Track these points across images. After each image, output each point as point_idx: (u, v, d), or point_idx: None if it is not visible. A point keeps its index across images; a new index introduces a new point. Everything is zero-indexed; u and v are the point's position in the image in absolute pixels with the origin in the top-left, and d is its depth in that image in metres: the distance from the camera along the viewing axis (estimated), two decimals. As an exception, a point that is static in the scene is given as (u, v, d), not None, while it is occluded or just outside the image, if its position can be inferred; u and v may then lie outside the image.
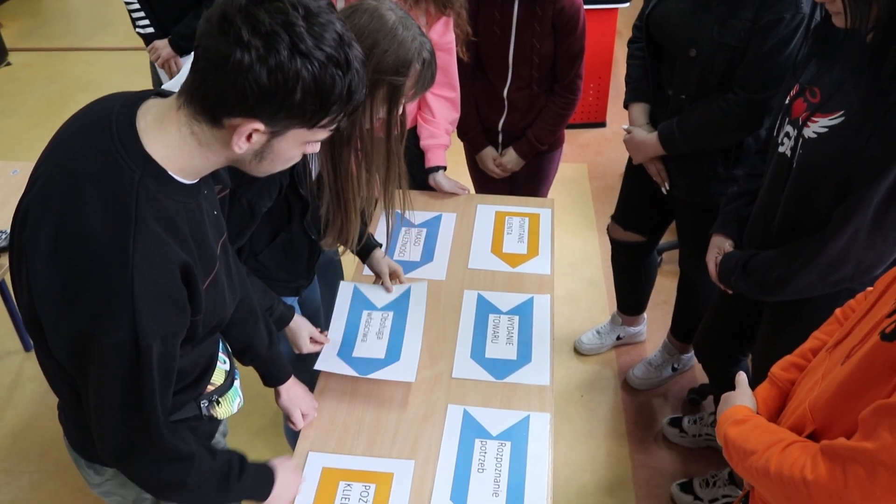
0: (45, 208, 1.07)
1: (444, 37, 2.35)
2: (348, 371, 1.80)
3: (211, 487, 1.34)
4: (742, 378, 1.47)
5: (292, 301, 1.97)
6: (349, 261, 2.24)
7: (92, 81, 5.22)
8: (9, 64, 5.55)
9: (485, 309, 2.04)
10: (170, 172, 1.11)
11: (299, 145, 1.14)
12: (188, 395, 1.38)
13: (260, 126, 1.06)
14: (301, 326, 1.85)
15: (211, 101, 1.05)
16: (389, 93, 1.59)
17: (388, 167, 1.71)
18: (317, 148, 1.20)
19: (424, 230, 2.33)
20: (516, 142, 2.67)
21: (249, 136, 1.07)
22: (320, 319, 2.23)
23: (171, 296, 1.11)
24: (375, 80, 1.55)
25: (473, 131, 2.71)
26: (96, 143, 1.08)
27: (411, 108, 2.44)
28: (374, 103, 1.59)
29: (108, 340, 1.06)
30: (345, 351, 1.87)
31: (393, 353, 1.85)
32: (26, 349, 3.15)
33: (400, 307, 2.00)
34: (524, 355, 1.89)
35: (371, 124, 1.62)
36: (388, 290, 2.04)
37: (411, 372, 1.79)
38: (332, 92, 1.05)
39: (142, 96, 1.15)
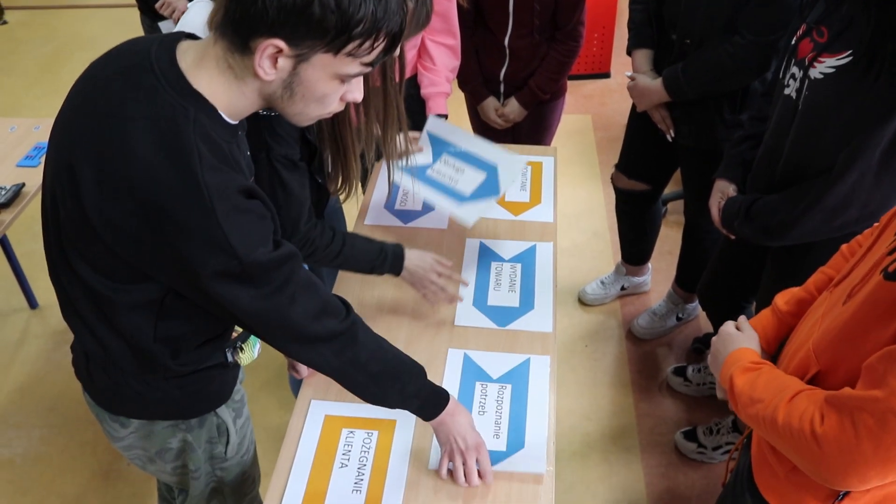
0: (101, 160, 1.06)
1: None
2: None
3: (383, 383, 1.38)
4: (744, 319, 1.46)
5: None
6: (349, 209, 2.23)
7: (89, 39, 5.17)
8: (5, 22, 5.50)
9: (487, 257, 2.03)
10: (218, 110, 1.11)
11: (329, 79, 1.10)
12: (216, 344, 1.39)
13: (282, 44, 1.03)
14: (419, 264, 1.79)
15: (238, 26, 1.04)
16: None
17: (387, 113, 1.68)
18: (358, 96, 1.16)
19: None
20: (518, 91, 2.63)
21: (275, 61, 1.05)
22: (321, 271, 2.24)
23: (250, 209, 1.11)
24: None
25: (474, 82, 2.68)
26: (143, 86, 1.07)
27: (411, 56, 2.40)
28: None
29: (208, 271, 1.07)
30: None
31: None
32: (31, 307, 3.16)
33: None
34: (527, 302, 1.89)
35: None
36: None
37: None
38: (353, 14, 1.02)
39: (175, 37, 1.14)
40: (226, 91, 1.10)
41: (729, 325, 1.44)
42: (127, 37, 1.22)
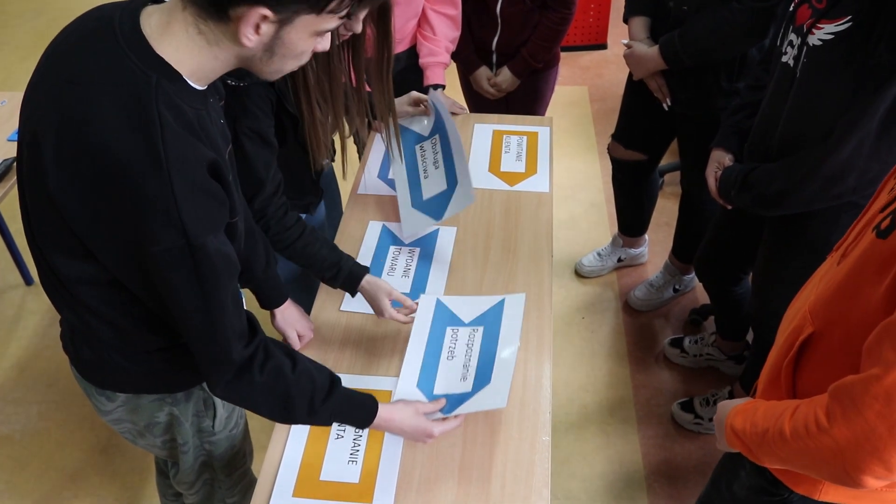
0: (60, 126, 1.03)
1: None
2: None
3: (295, 406, 1.30)
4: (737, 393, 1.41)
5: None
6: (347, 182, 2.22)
7: (80, 11, 5.07)
8: (-5, -4, 5.44)
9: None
10: (183, 76, 1.07)
11: (309, 37, 1.09)
12: None
13: (267, 12, 1.01)
14: (378, 287, 1.68)
15: None
16: None
17: (380, 68, 1.64)
18: (327, 45, 1.15)
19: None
20: (510, 60, 2.60)
21: (258, 27, 1.03)
22: (325, 230, 2.24)
23: (208, 190, 1.08)
24: None
25: (466, 51, 2.64)
26: (104, 52, 1.04)
27: (411, 25, 2.37)
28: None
29: (156, 248, 1.03)
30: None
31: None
32: (27, 283, 3.15)
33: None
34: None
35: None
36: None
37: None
38: None
39: (139, 3, 1.10)
40: (195, 56, 1.07)
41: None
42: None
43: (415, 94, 2.14)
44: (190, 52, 1.06)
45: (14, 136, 2.64)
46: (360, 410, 1.39)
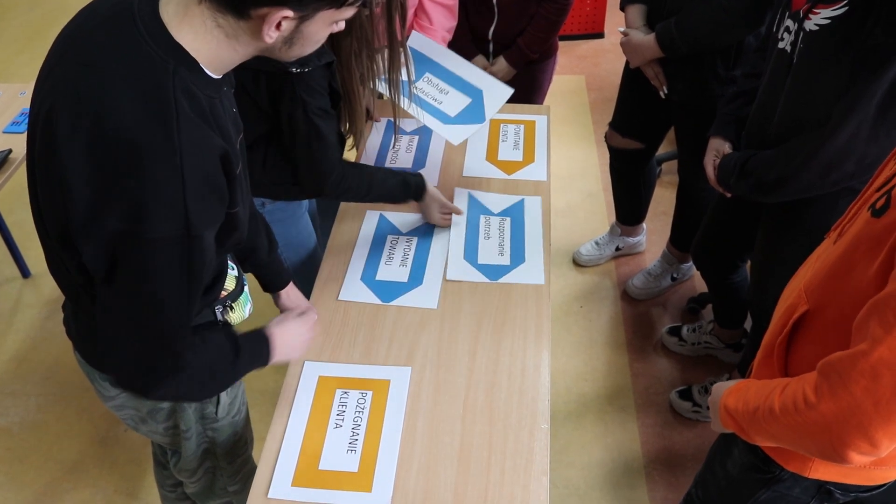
0: (77, 106, 1.03)
1: None
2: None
3: (223, 378, 1.34)
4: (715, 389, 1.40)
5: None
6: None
7: (74, 6, 5.02)
8: (-11, -12, 5.42)
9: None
10: (200, 64, 1.08)
11: (328, 25, 1.12)
12: (204, 301, 1.37)
13: (289, 13, 1.03)
14: (434, 198, 1.93)
15: None
16: None
17: (391, 56, 1.68)
18: (342, 27, 1.18)
19: (417, 137, 2.29)
20: (507, 50, 2.59)
21: (279, 25, 1.05)
22: (316, 220, 2.26)
23: (215, 183, 1.09)
24: None
25: (463, 40, 2.63)
26: (123, 37, 1.05)
27: (409, 15, 2.36)
28: None
29: (153, 235, 1.03)
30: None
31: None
32: (24, 276, 3.14)
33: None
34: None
35: (371, 9, 1.60)
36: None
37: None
38: None
39: None
40: (212, 47, 1.08)
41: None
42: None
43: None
44: (207, 43, 1.07)
45: (9, 128, 2.63)
46: (261, 344, 1.43)
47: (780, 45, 1.72)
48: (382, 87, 1.84)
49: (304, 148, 1.69)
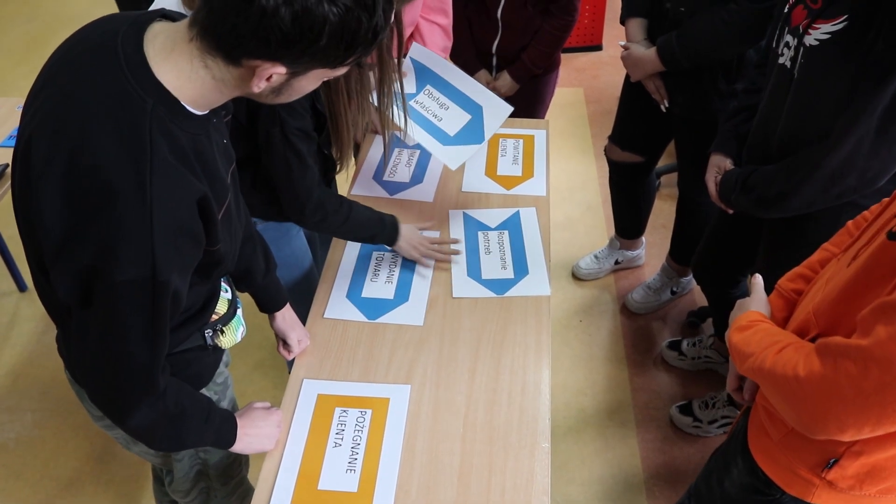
0: (53, 140, 1.02)
1: None
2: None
3: (191, 427, 1.31)
4: (758, 281, 1.45)
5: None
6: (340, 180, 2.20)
7: (73, 17, 5.09)
8: (-13, 0, 5.42)
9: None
10: (182, 102, 1.06)
11: (319, 80, 1.11)
12: (193, 326, 1.36)
13: (282, 69, 1.02)
14: (410, 233, 1.89)
15: (229, 42, 0.99)
16: None
17: (381, 76, 1.65)
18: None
19: (417, 152, 2.29)
20: (511, 65, 2.59)
21: (270, 77, 1.03)
22: (315, 242, 2.24)
23: (189, 229, 1.07)
24: None
25: (467, 54, 2.63)
26: (104, 70, 1.02)
27: (406, 34, 2.36)
28: None
29: (120, 277, 1.01)
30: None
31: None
32: (21, 290, 3.13)
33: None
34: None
35: (363, 66, 1.58)
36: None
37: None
38: (357, 34, 1.00)
39: (148, 18, 1.09)
40: (197, 86, 1.06)
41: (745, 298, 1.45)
42: (109, 13, 1.18)
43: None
44: (192, 82, 1.05)
45: (6, 142, 2.61)
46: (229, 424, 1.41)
47: (781, 60, 1.72)
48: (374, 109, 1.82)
49: (282, 169, 1.66)
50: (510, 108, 1.93)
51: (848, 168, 1.60)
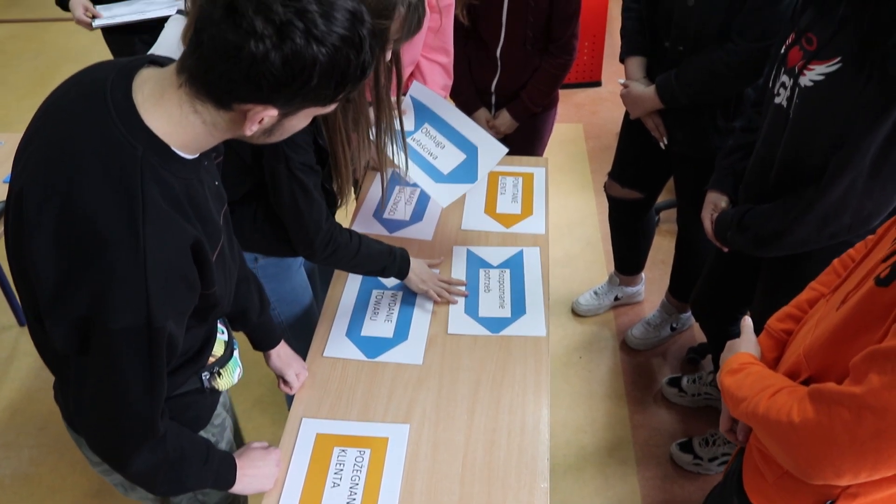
0: (45, 189, 1.02)
1: None
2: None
3: (191, 470, 1.31)
4: (748, 324, 1.46)
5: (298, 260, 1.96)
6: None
7: (79, 52, 5.15)
8: (-6, 36, 5.49)
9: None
10: (172, 148, 1.06)
11: (309, 118, 1.12)
12: (190, 369, 1.35)
13: (273, 111, 1.03)
14: (420, 267, 1.90)
15: (219, 88, 1.00)
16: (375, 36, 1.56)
17: (378, 115, 1.67)
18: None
19: (417, 190, 2.30)
20: (510, 103, 2.62)
21: (261, 120, 1.05)
22: (315, 278, 2.24)
23: (183, 274, 1.08)
24: None
25: (466, 92, 2.66)
26: (93, 118, 1.03)
27: (406, 73, 2.39)
28: None
29: (115, 326, 1.02)
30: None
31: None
32: (20, 323, 3.13)
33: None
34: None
35: (354, 98, 1.61)
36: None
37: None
38: (347, 72, 1.02)
39: (136, 64, 1.10)
40: (188, 131, 1.06)
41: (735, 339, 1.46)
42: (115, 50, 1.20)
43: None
44: (182, 127, 1.06)
45: (8, 178, 2.63)
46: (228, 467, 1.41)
47: (777, 100, 1.74)
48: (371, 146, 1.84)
49: (290, 204, 1.66)
50: (505, 150, 1.95)
51: (842, 208, 1.61)
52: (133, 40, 2.89)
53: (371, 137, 1.76)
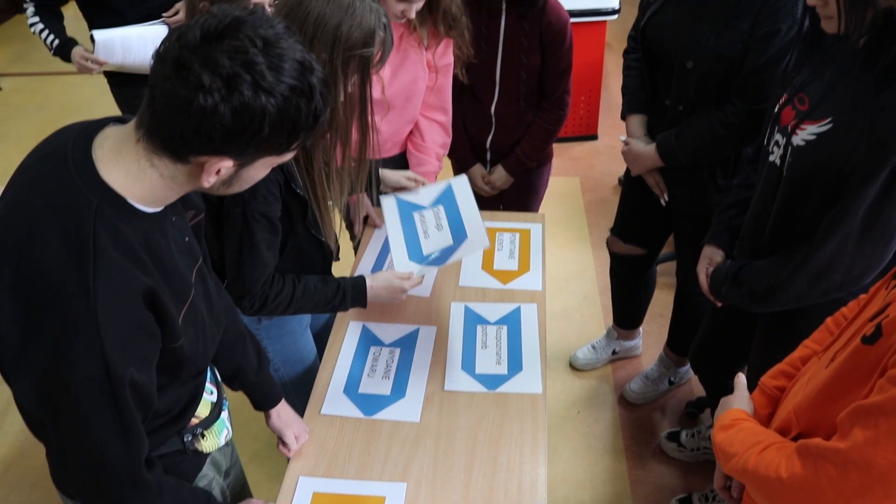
0: (4, 245, 1.04)
1: (443, 58, 2.33)
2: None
3: None
4: (741, 380, 1.47)
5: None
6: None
7: (82, 106, 5.22)
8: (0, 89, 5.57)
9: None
10: (129, 201, 1.08)
11: (267, 167, 1.14)
12: (170, 430, 1.35)
13: (229, 162, 1.05)
14: (385, 287, 1.85)
15: (174, 142, 1.03)
16: (360, 65, 1.59)
17: (364, 137, 1.69)
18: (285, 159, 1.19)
19: None
20: (505, 159, 2.65)
21: (218, 171, 1.07)
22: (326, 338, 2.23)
23: (138, 321, 1.08)
24: (347, 57, 1.55)
25: (461, 150, 2.69)
26: (52, 174, 1.06)
27: (404, 132, 2.41)
28: (346, 78, 1.58)
29: (75, 377, 1.02)
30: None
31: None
32: (16, 377, 3.11)
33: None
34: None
35: (345, 97, 1.61)
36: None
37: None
38: (298, 121, 1.04)
39: (101, 124, 1.13)
40: (146, 185, 1.08)
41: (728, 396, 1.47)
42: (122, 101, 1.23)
43: (411, 173, 2.18)
44: (140, 181, 1.08)
45: None
46: None
47: (771, 158, 1.76)
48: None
49: (234, 249, 1.64)
50: (487, 244, 1.94)
51: (833, 265, 1.63)
52: (140, 90, 2.90)
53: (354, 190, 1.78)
